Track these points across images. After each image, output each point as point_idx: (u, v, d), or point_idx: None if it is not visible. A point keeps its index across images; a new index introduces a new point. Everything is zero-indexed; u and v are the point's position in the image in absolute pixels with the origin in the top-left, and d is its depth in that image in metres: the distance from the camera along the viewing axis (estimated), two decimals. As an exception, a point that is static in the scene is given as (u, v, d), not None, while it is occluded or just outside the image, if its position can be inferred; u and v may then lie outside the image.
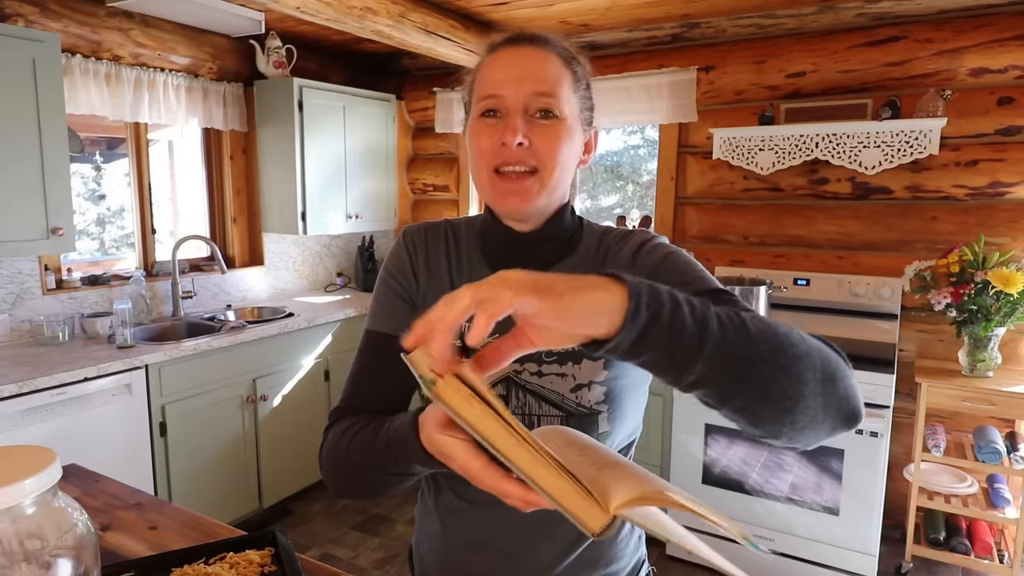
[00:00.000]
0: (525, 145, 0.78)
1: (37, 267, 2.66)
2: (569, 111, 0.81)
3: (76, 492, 1.23)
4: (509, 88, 0.78)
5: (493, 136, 0.79)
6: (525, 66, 0.79)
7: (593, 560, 0.87)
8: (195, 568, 0.94)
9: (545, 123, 0.79)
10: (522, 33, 0.82)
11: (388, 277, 0.92)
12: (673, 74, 3.17)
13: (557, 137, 0.79)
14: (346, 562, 2.70)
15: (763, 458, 2.57)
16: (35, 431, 2.14)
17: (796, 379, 0.57)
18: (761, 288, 2.68)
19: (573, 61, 0.83)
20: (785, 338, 0.58)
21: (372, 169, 3.77)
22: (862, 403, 0.64)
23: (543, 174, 0.79)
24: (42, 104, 2.28)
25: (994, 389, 2.41)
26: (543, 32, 0.83)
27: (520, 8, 2.81)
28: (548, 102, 0.78)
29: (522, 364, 0.83)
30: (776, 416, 0.58)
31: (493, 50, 0.83)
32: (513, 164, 0.79)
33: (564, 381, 0.82)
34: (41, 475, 0.59)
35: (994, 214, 2.67)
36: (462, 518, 0.90)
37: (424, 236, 0.92)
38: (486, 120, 0.80)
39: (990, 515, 2.46)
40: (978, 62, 2.62)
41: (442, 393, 0.54)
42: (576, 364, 0.82)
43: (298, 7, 2.27)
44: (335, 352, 3.30)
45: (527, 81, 0.78)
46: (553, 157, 0.79)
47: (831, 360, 0.61)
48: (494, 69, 0.81)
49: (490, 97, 0.79)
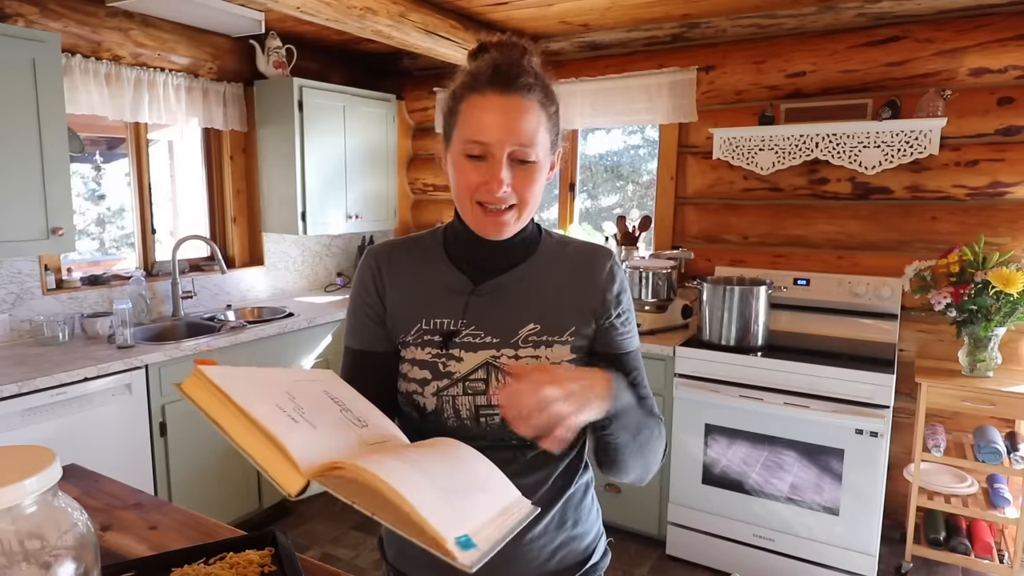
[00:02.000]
0: (507, 191, 0.89)
1: (37, 267, 2.66)
2: (543, 153, 0.91)
3: (76, 492, 1.23)
4: (494, 136, 0.87)
5: (479, 176, 0.89)
6: (509, 119, 0.87)
7: (562, 521, 0.99)
8: (195, 568, 0.94)
9: (524, 168, 0.89)
10: (508, 74, 0.88)
11: (356, 296, 1.04)
12: (673, 74, 3.17)
13: (533, 180, 0.91)
14: (346, 562, 2.70)
15: (763, 458, 2.57)
16: (35, 431, 2.14)
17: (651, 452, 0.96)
18: (761, 288, 2.68)
19: (547, 102, 0.91)
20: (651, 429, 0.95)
21: (372, 169, 3.77)
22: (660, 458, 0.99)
23: (520, 208, 0.92)
24: (42, 104, 2.28)
25: (994, 389, 2.41)
26: (521, 70, 0.88)
27: (520, 8, 2.81)
28: (527, 152, 0.88)
29: (499, 350, 0.94)
30: (633, 468, 0.95)
31: (476, 88, 0.89)
32: (496, 204, 0.90)
33: (538, 363, 0.93)
34: (41, 475, 0.59)
35: (994, 214, 2.67)
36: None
37: (388, 253, 1.03)
38: (472, 161, 0.89)
39: (990, 515, 2.46)
40: (978, 62, 2.62)
41: (184, 387, 0.66)
42: (548, 348, 0.95)
43: (298, 7, 2.27)
44: (335, 352, 3.30)
45: (511, 133, 0.87)
46: (529, 195, 0.91)
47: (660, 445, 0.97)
48: (479, 115, 0.88)
49: (476, 143, 0.88)
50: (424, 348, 0.95)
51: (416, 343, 0.96)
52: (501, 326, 0.95)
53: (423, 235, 1.05)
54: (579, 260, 1.00)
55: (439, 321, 0.96)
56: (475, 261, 0.98)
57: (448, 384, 0.93)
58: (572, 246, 1.03)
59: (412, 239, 1.05)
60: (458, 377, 0.93)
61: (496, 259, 0.98)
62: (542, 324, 0.95)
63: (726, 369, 2.61)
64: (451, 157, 0.93)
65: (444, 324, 0.96)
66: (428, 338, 0.95)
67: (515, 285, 0.97)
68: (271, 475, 0.60)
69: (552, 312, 0.96)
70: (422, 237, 1.05)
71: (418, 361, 0.95)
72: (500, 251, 0.97)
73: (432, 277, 0.99)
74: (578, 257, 1.01)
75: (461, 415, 0.93)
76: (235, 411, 0.63)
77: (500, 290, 0.97)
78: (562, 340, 0.95)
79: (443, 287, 0.98)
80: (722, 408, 2.61)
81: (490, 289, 0.97)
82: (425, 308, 0.97)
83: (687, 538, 2.75)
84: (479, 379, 0.93)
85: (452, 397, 0.93)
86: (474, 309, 0.96)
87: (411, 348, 0.96)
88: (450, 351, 0.94)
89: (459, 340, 0.94)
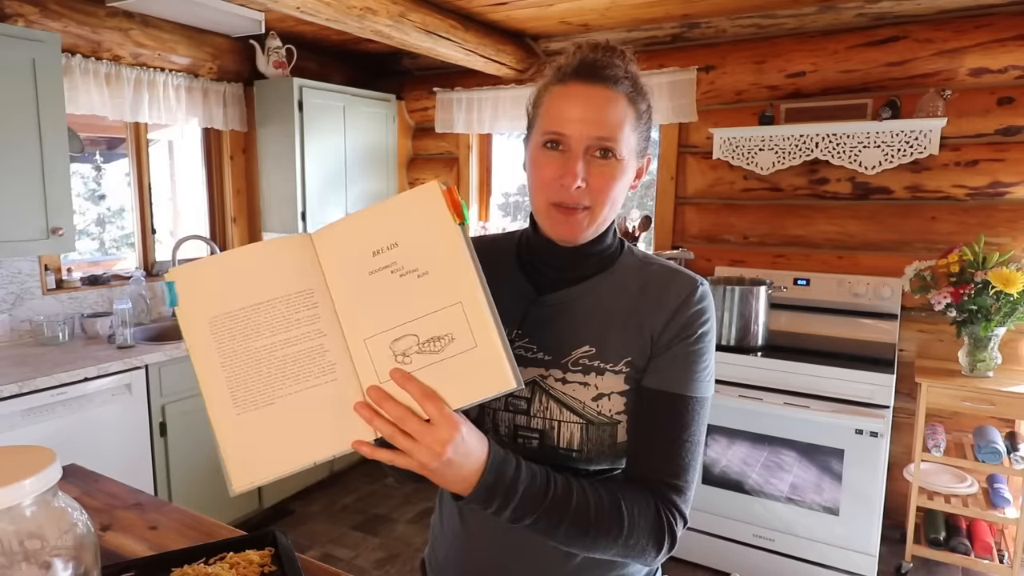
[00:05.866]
0: (583, 187, 0.82)
1: (37, 267, 2.66)
2: (627, 151, 0.84)
3: (76, 492, 1.23)
4: (574, 128, 0.81)
5: (554, 170, 0.83)
6: (592, 108, 0.81)
7: (610, 561, 0.89)
8: (195, 568, 0.94)
9: (603, 163, 0.83)
10: (594, 65, 0.83)
11: None
12: (673, 74, 3.17)
13: (612, 177, 0.83)
14: (346, 562, 2.70)
15: (763, 458, 2.57)
16: (35, 431, 2.14)
17: (585, 548, 0.81)
18: (761, 288, 2.68)
19: (638, 97, 0.85)
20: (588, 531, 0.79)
21: (372, 169, 3.77)
22: (648, 558, 0.83)
23: (595, 210, 0.84)
24: (42, 104, 2.28)
25: (994, 389, 2.41)
26: (610, 64, 0.83)
27: (520, 8, 2.81)
28: (609, 144, 0.82)
29: (548, 369, 0.87)
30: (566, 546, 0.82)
31: (562, 79, 0.84)
32: (569, 203, 0.84)
33: (586, 390, 0.86)
34: (41, 475, 0.59)
35: (994, 214, 2.67)
36: (481, 515, 0.91)
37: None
38: (548, 152, 0.84)
39: (990, 515, 2.46)
40: (978, 62, 2.62)
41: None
42: (599, 376, 0.86)
43: (298, 7, 2.27)
44: (335, 352, 3.30)
45: (592, 124, 0.81)
46: (606, 196, 0.84)
47: (627, 551, 0.81)
48: (562, 105, 0.83)
49: (554, 133, 0.83)
50: None
51: None
52: (555, 343, 0.88)
53: (501, 236, 1.01)
54: (656, 282, 0.89)
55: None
56: (544, 270, 0.92)
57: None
58: (655, 267, 0.91)
59: (490, 239, 1.01)
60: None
61: (566, 269, 0.91)
62: (598, 347, 0.86)
63: (726, 369, 2.61)
64: (530, 153, 0.87)
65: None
66: None
67: (580, 300, 0.89)
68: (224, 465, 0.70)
69: (613, 336, 0.86)
70: (500, 238, 1.00)
71: None
72: (571, 261, 0.90)
73: (498, 280, 0.93)
74: (656, 279, 0.89)
75: (500, 431, 0.89)
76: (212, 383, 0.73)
77: (563, 304, 0.90)
78: (615, 369, 0.85)
79: (506, 292, 0.91)
80: (722, 408, 2.61)
81: (553, 301, 0.90)
82: None
83: (687, 538, 2.75)
84: (523, 397, 0.87)
85: (493, 411, 0.89)
86: (532, 320, 0.90)
87: None
88: None
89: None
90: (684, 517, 0.84)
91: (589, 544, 0.79)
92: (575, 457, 0.86)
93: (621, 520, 0.79)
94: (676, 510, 0.83)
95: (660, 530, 0.81)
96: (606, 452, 0.86)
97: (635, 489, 0.83)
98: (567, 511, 0.77)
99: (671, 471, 0.83)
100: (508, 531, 0.90)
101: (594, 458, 0.86)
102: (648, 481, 0.84)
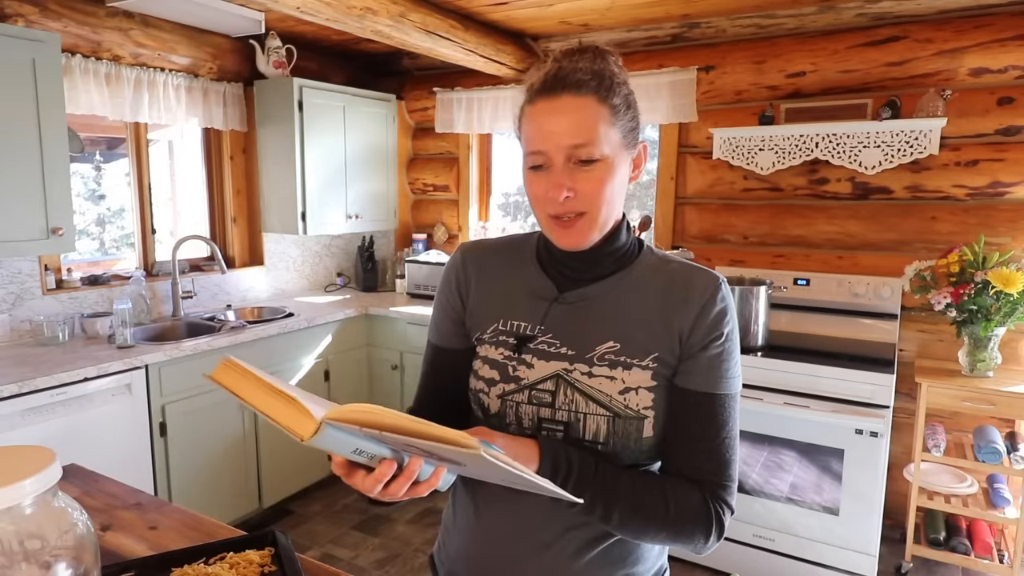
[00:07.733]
0: (571, 196, 0.84)
1: (37, 267, 2.66)
2: (610, 148, 0.84)
3: (76, 492, 1.23)
4: (548, 143, 0.84)
5: (541, 187, 0.86)
6: (560, 119, 0.83)
7: (620, 557, 0.92)
8: (195, 568, 0.94)
9: (587, 168, 0.84)
10: (556, 77, 0.84)
11: (439, 293, 1.03)
12: (673, 74, 3.17)
13: (600, 180, 0.85)
14: (346, 562, 2.70)
15: (763, 458, 2.57)
16: (35, 431, 2.14)
17: (646, 537, 0.88)
18: (761, 288, 2.68)
19: (608, 94, 0.85)
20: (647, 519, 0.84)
21: (372, 169, 3.77)
22: (697, 544, 0.87)
23: (592, 214, 0.86)
24: (42, 104, 2.28)
25: (994, 389, 2.41)
26: (572, 70, 0.84)
27: (520, 8, 2.81)
28: (587, 151, 0.83)
29: (572, 364, 0.89)
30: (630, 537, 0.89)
31: (531, 99, 0.87)
32: (563, 213, 0.86)
33: (613, 384, 0.87)
34: (41, 475, 0.59)
35: (994, 214, 2.67)
36: (495, 509, 0.94)
37: (478, 253, 1.02)
38: (535, 173, 0.87)
39: (990, 515, 2.46)
40: (978, 62, 2.62)
41: (215, 375, 0.74)
42: (627, 370, 0.88)
43: (298, 7, 2.27)
44: (335, 352, 3.30)
45: (563, 135, 0.83)
46: (599, 199, 0.85)
47: (676, 534, 0.86)
48: (534, 123, 0.86)
49: (534, 154, 0.86)
50: (498, 348, 0.94)
51: (491, 341, 0.95)
52: (579, 338, 0.90)
53: (518, 237, 1.03)
54: (677, 280, 0.91)
55: (517, 323, 0.94)
56: (564, 269, 0.94)
57: (515, 389, 0.91)
58: (674, 265, 0.93)
59: (507, 240, 1.03)
60: (526, 384, 0.90)
61: (584, 269, 0.93)
62: (623, 343, 0.88)
63: (726, 369, 2.61)
64: (524, 176, 0.90)
65: (521, 327, 0.93)
66: (503, 339, 0.94)
67: (602, 298, 0.92)
68: (285, 425, 0.67)
69: (637, 332, 0.89)
70: (517, 239, 1.03)
71: (490, 360, 0.94)
72: (588, 261, 0.92)
73: (519, 279, 0.96)
74: (677, 277, 0.91)
75: (523, 424, 0.90)
76: (256, 384, 0.72)
77: (585, 301, 0.92)
78: (643, 365, 0.87)
79: (527, 290, 0.95)
80: (722, 408, 2.61)
81: (575, 299, 0.92)
82: (505, 308, 0.96)
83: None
84: (547, 390, 0.89)
85: (516, 404, 0.90)
86: (554, 317, 0.92)
87: (486, 346, 0.95)
88: (522, 356, 0.91)
89: (533, 346, 0.91)
90: (731, 508, 0.88)
91: (639, 527, 0.84)
92: (599, 451, 0.87)
93: (666, 503, 0.84)
94: (723, 503, 0.87)
95: (708, 516, 0.85)
96: (631, 447, 0.87)
97: (676, 479, 0.87)
98: (618, 490, 0.83)
99: (714, 470, 0.87)
100: (522, 525, 0.91)
101: (619, 451, 0.87)
102: (692, 479, 0.87)
